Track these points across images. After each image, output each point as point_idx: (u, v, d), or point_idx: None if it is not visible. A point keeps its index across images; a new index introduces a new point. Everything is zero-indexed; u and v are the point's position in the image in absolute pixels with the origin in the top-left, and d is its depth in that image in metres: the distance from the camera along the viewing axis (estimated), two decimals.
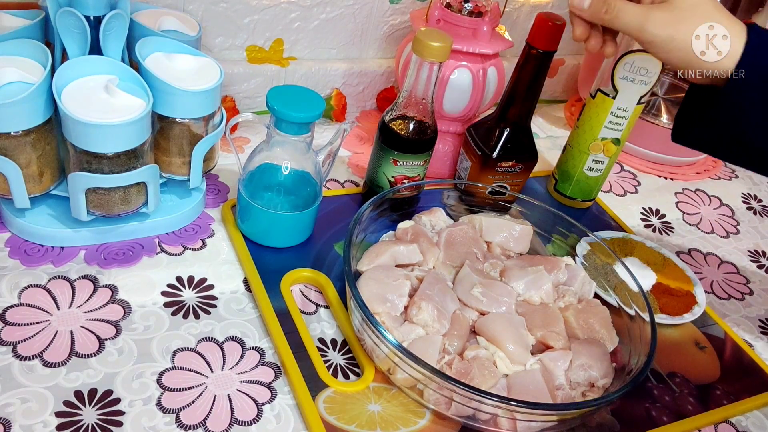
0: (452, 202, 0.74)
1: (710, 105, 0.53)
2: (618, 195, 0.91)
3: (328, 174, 0.67)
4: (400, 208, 0.70)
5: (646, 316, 0.60)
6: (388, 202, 0.67)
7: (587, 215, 0.85)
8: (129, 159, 0.57)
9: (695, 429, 0.60)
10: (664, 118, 0.97)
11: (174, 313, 0.58)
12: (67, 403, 0.49)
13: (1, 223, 0.62)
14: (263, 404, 0.53)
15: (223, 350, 0.56)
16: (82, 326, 0.55)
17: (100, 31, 0.56)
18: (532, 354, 0.58)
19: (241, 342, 0.57)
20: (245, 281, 0.63)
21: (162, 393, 0.51)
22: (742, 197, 0.97)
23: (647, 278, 0.74)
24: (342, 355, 0.58)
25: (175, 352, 0.55)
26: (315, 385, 0.54)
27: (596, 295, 0.68)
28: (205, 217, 0.69)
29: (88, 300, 0.57)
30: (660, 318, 0.69)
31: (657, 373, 0.64)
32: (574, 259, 0.70)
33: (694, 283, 0.75)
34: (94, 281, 0.59)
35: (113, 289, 0.59)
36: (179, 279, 0.61)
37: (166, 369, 0.53)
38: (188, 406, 0.51)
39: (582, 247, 0.71)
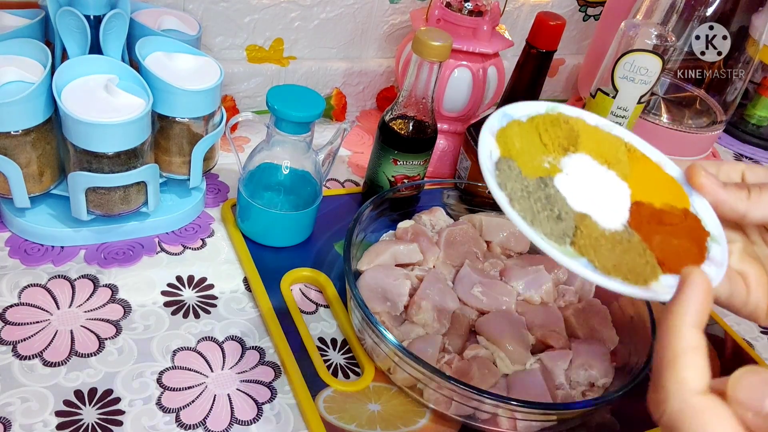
0: (452, 201, 0.74)
1: None
2: None
3: (328, 173, 0.67)
4: (400, 208, 0.70)
5: (646, 316, 0.60)
6: (388, 202, 0.67)
7: None
8: (129, 158, 0.56)
9: None
10: (665, 118, 0.97)
11: (174, 313, 0.58)
12: (67, 403, 0.49)
13: (1, 223, 0.62)
14: (263, 404, 0.53)
15: (223, 350, 0.56)
16: (82, 326, 0.55)
17: (100, 31, 0.56)
18: (532, 353, 0.58)
19: (241, 341, 0.57)
20: (245, 281, 0.63)
21: (162, 392, 0.51)
22: None
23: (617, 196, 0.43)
24: (342, 354, 0.58)
25: (175, 352, 0.55)
26: (315, 385, 0.54)
27: (596, 295, 0.68)
28: (205, 217, 0.69)
29: (88, 299, 0.57)
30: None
31: None
32: None
33: (689, 193, 0.42)
34: (94, 281, 0.59)
35: (113, 289, 0.59)
36: (179, 278, 0.61)
37: (166, 368, 0.53)
38: (188, 405, 0.51)
39: None
